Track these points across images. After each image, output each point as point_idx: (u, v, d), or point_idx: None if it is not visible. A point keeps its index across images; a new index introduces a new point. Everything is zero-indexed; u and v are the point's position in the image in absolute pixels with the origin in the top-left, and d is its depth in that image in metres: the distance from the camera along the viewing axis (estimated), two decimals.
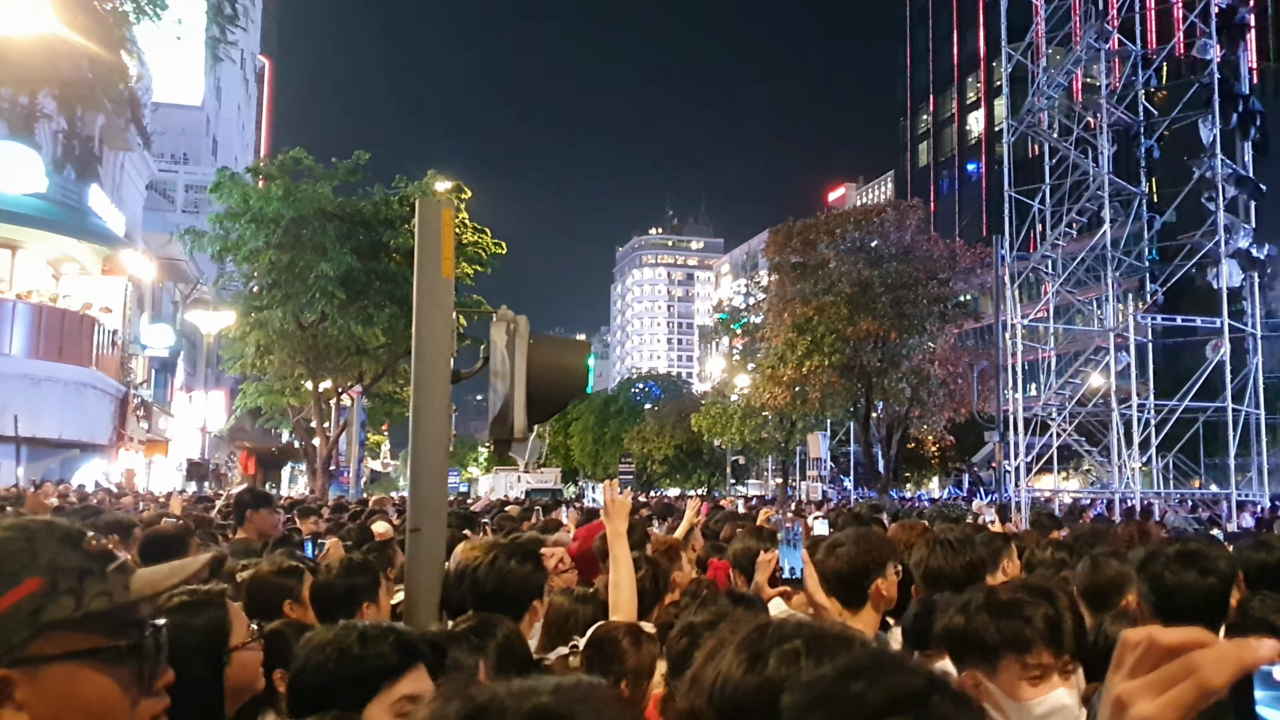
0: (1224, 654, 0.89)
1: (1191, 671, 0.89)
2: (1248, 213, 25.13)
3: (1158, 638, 0.94)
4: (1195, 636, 0.92)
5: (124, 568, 1.45)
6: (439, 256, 4.50)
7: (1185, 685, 0.89)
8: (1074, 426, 25.87)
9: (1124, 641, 0.97)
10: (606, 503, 4.38)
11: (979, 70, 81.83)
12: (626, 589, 4.08)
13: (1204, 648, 0.91)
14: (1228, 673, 0.88)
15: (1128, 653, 0.96)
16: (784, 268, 37.12)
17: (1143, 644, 0.94)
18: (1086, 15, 26.37)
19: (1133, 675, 0.94)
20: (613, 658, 3.33)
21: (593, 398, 70.98)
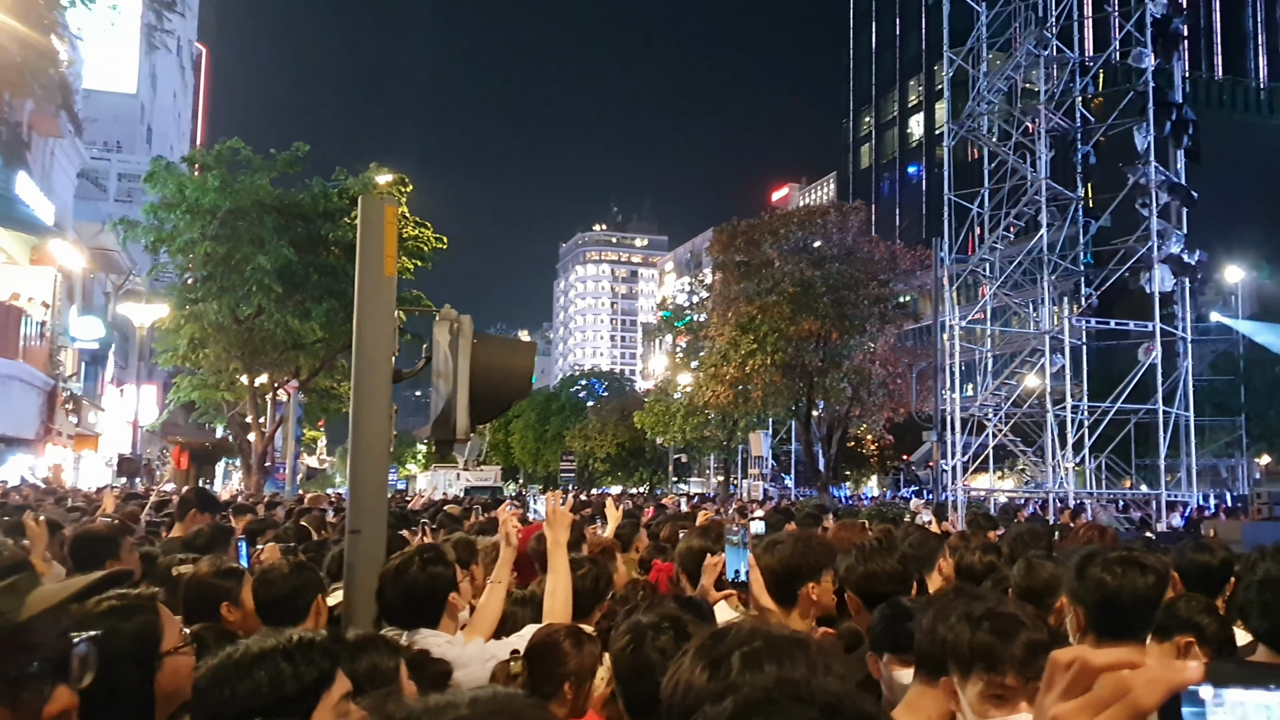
0: (1155, 676, 0.90)
1: (1124, 693, 0.91)
2: (1180, 219, 25.71)
3: (1089, 659, 0.95)
4: (1125, 657, 0.94)
5: (15, 587, 1.36)
6: (381, 254, 4.42)
7: (1118, 707, 0.91)
8: (1009, 427, 26.31)
9: (1054, 662, 0.97)
10: (549, 512, 4.34)
11: (921, 74, 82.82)
12: (563, 598, 4.07)
13: (1134, 668, 0.92)
14: (1159, 694, 0.89)
15: (1058, 674, 0.97)
16: (728, 266, 37.29)
17: (1075, 665, 0.96)
18: (1026, 22, 26.81)
19: (1066, 696, 0.95)
20: (554, 660, 3.32)
21: (534, 395, 70.68)
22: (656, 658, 2.45)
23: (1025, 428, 26.58)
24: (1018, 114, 27.78)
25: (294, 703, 2.13)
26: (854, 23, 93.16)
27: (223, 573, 4.00)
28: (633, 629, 2.62)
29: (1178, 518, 25.76)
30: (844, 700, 1.24)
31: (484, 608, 4.27)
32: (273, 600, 3.79)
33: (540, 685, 3.21)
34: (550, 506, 4.38)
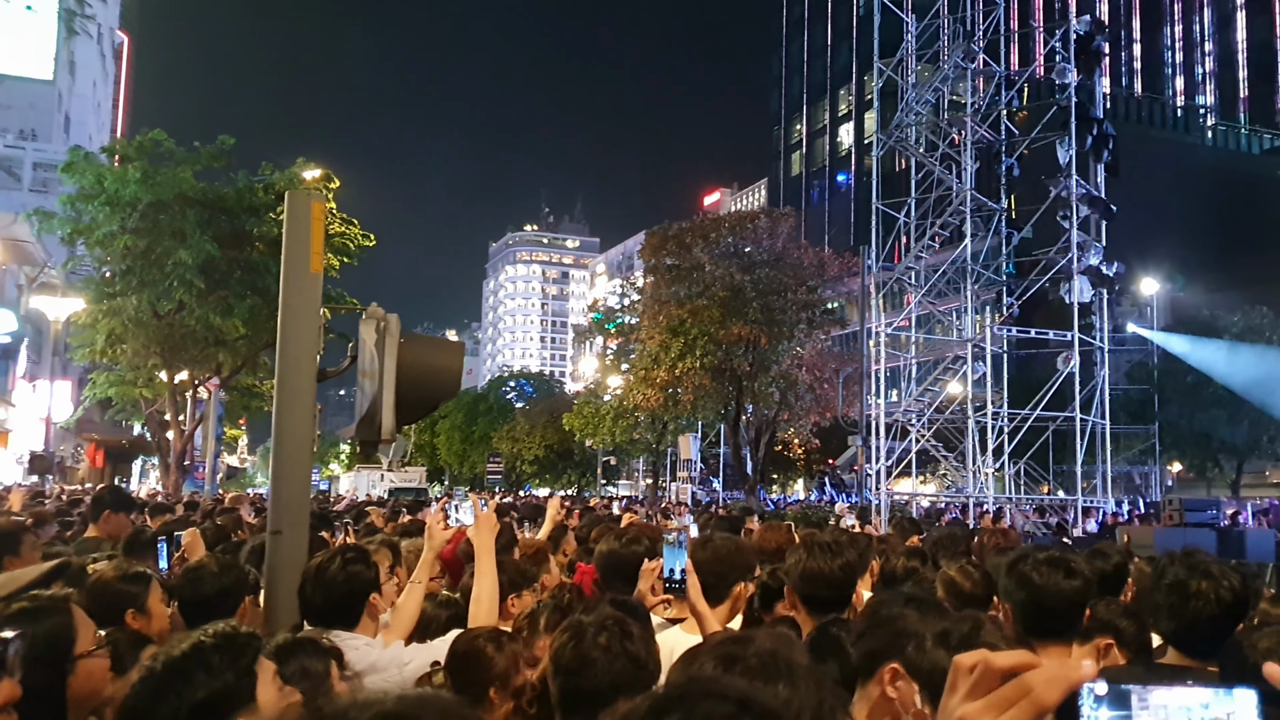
0: (1054, 675, 0.95)
1: (1026, 692, 0.95)
2: (1099, 231, 26.37)
3: (991, 661, 1.00)
4: (1026, 659, 0.99)
5: None
6: (308, 251, 4.34)
7: (1022, 705, 0.95)
8: (932, 432, 26.76)
9: (957, 666, 1.02)
10: (477, 518, 4.29)
11: (851, 84, 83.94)
12: (487, 605, 4.04)
13: (1034, 669, 0.97)
14: (1059, 691, 0.94)
15: (962, 676, 1.01)
16: (659, 270, 37.42)
17: (978, 667, 1.00)
18: (954, 35, 27.33)
19: (971, 698, 0.99)
20: (478, 666, 3.29)
21: (461, 396, 70.05)
22: (598, 654, 2.54)
23: (947, 433, 27.05)
24: (944, 126, 28.29)
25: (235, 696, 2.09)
26: (786, 31, 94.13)
27: (129, 577, 3.83)
28: (574, 626, 2.67)
29: (1093, 523, 26.40)
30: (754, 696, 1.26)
31: (402, 609, 4.21)
32: (201, 600, 3.70)
33: (465, 692, 3.18)
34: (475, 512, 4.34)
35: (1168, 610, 3.28)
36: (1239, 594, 3.27)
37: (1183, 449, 41.51)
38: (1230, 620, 3.22)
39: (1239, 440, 38.93)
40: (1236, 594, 3.25)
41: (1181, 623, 3.26)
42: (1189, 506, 22.19)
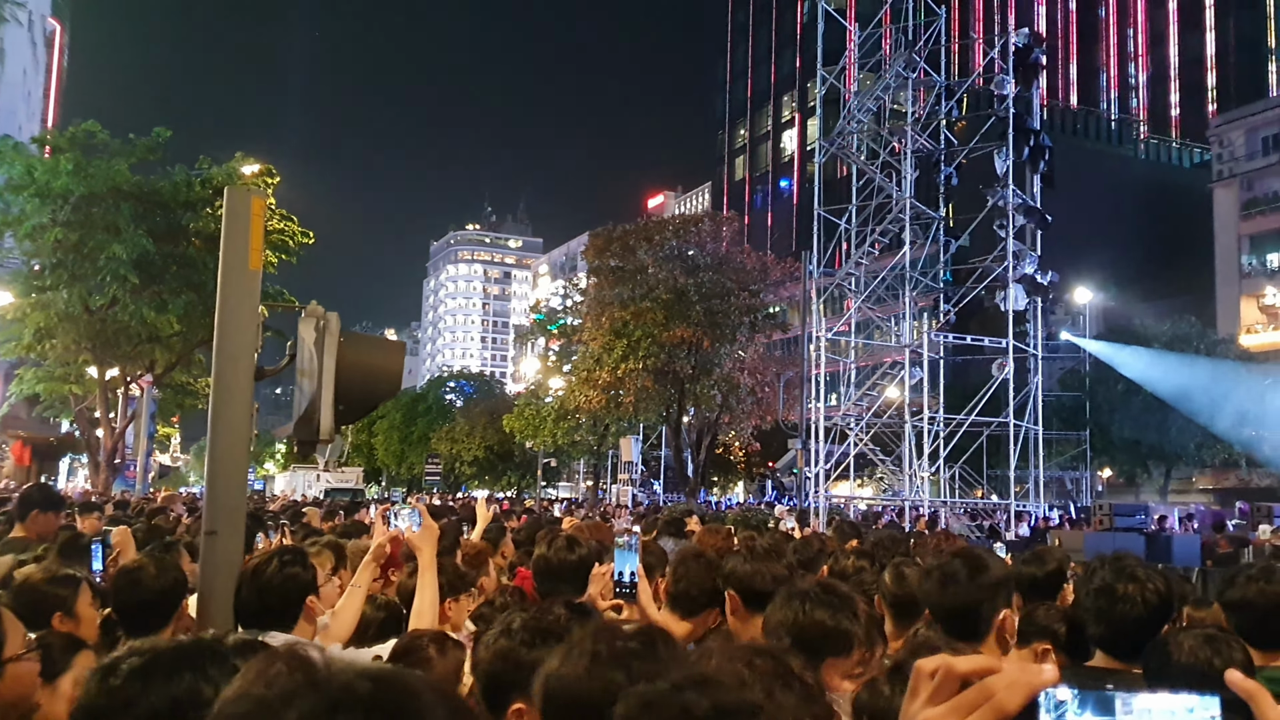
0: (1015, 679, 0.95)
1: (988, 696, 0.95)
2: (1034, 241, 26.87)
3: (953, 665, 0.99)
4: (987, 663, 0.98)
5: None
6: (247, 248, 4.28)
7: (984, 710, 0.95)
8: (870, 436, 27.06)
9: (919, 670, 1.01)
10: (409, 534, 4.23)
11: (794, 90, 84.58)
12: (429, 618, 4.00)
13: (995, 674, 0.96)
14: (1020, 696, 0.94)
15: (923, 681, 1.00)
16: (603, 271, 37.37)
17: (939, 672, 0.99)
18: (896, 44, 27.70)
19: (932, 702, 0.99)
20: (419, 667, 3.27)
21: (400, 396, 69.31)
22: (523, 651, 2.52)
23: (885, 437, 27.38)
24: (885, 134, 28.66)
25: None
26: (731, 36, 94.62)
27: (57, 580, 3.72)
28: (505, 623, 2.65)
29: (1025, 527, 26.87)
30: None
31: (341, 612, 4.16)
32: (139, 603, 3.62)
33: None
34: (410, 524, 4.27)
35: (1095, 613, 3.35)
36: (1164, 597, 3.35)
37: (1113, 455, 42.39)
38: (1156, 622, 3.30)
39: (1167, 447, 39.86)
40: (1161, 597, 3.33)
41: (1109, 625, 3.32)
42: (1118, 512, 22.69)
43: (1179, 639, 3.00)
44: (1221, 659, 2.88)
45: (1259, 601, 3.46)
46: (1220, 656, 2.89)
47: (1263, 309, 54.01)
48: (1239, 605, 3.52)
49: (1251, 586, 3.52)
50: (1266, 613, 3.43)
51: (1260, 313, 54.02)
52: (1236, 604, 3.54)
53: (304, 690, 0.97)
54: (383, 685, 0.99)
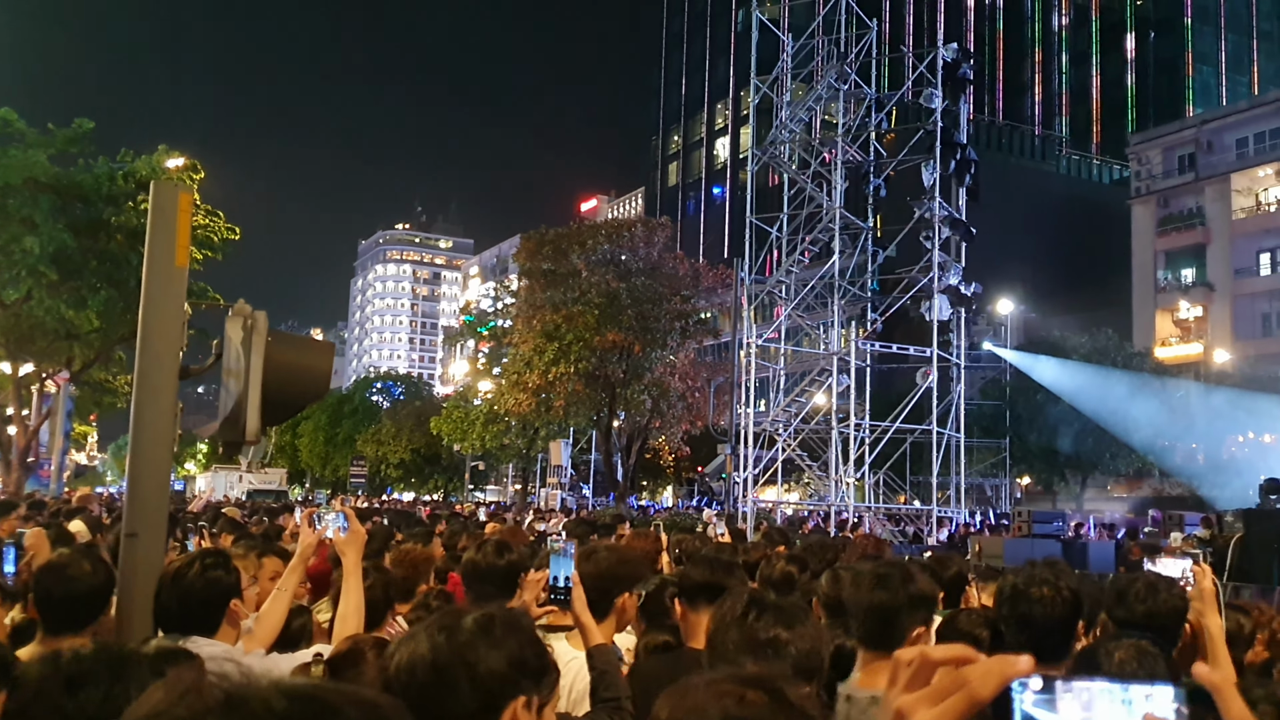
0: (990, 668, 0.99)
1: (962, 685, 0.99)
2: (959, 253, 27.39)
3: (930, 654, 1.04)
4: (963, 653, 1.02)
5: None
6: (173, 244, 4.21)
7: (958, 696, 0.99)
8: (798, 442, 27.35)
9: (897, 660, 1.05)
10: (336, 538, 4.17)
11: (728, 98, 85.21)
12: (354, 624, 3.96)
13: (971, 663, 1.00)
14: (994, 684, 0.97)
15: (901, 669, 1.04)
16: (535, 274, 37.21)
17: (916, 661, 1.04)
18: (828, 56, 28.03)
19: (909, 689, 1.03)
20: (356, 669, 3.25)
21: (326, 396, 68.25)
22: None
23: (812, 443, 27.68)
24: (816, 144, 29.01)
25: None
26: (666, 43, 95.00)
27: None
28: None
29: (946, 533, 27.36)
30: None
31: (265, 617, 4.10)
32: (70, 597, 3.53)
33: None
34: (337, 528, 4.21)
35: (1012, 617, 3.44)
36: (1075, 598, 3.46)
37: (1031, 463, 43.33)
38: (1067, 623, 3.41)
39: (1083, 455, 40.88)
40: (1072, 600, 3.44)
41: (1025, 628, 3.42)
42: (1037, 518, 23.20)
43: (1109, 648, 3.07)
44: (1145, 671, 2.95)
45: (1143, 622, 3.57)
46: (1144, 669, 2.97)
47: (1177, 323, 55.70)
48: (1126, 625, 3.62)
49: (1139, 607, 3.62)
50: (1154, 631, 3.51)
51: (1174, 326, 55.70)
52: (1123, 623, 3.65)
53: (218, 709, 0.95)
54: (300, 702, 0.97)
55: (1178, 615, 3.66)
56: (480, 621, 2.00)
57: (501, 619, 2.04)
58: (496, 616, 2.04)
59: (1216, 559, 16.84)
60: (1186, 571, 3.89)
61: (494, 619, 2.02)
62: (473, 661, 1.94)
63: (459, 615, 2.04)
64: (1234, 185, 53.64)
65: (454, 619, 2.02)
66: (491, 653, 1.96)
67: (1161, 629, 3.55)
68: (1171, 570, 4.01)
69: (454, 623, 2.00)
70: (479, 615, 2.02)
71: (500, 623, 2.03)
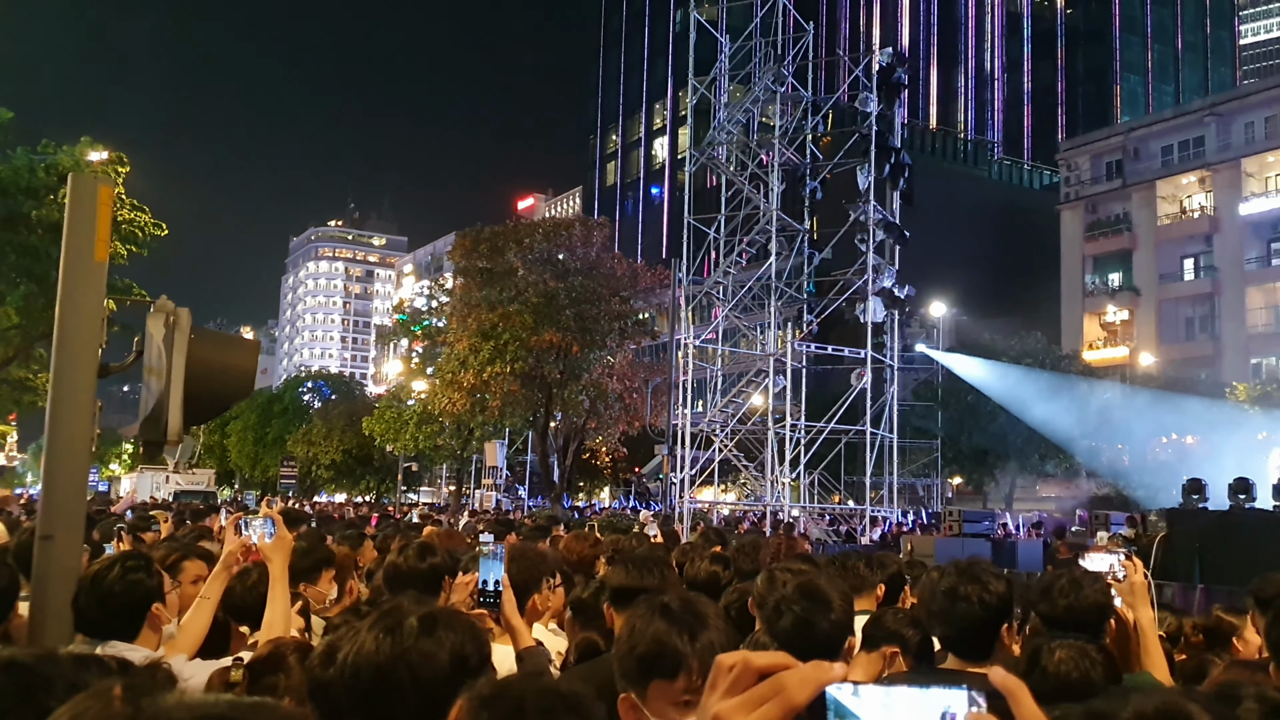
0: (805, 675, 1.02)
1: (779, 690, 1.02)
2: (893, 256, 27.72)
3: (751, 660, 1.05)
4: (782, 660, 1.05)
5: None
6: (92, 238, 4.07)
7: (775, 702, 1.01)
8: (735, 442, 27.49)
9: (719, 665, 1.07)
10: (262, 544, 4.07)
11: (666, 99, 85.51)
12: (280, 630, 3.87)
13: (788, 669, 1.03)
14: (810, 690, 1.00)
15: (722, 675, 1.06)
16: (470, 272, 36.89)
17: (737, 666, 1.05)
18: (766, 58, 28.20)
19: (729, 695, 1.04)
20: (278, 673, 3.18)
21: (255, 396, 67.10)
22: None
23: (748, 444, 27.84)
24: (754, 146, 29.17)
25: None
26: (604, 42, 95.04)
27: None
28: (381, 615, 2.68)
29: (879, 532, 27.69)
30: None
31: (189, 624, 4.00)
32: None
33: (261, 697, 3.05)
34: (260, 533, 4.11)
35: (940, 615, 3.47)
36: (1004, 598, 3.49)
37: (962, 463, 44.09)
38: (992, 623, 3.44)
39: (1012, 456, 41.67)
40: (1001, 599, 3.48)
41: (952, 626, 3.45)
42: (967, 518, 23.61)
43: (1050, 648, 3.11)
44: (1080, 671, 3.02)
45: (1065, 619, 3.63)
46: (1079, 670, 3.03)
47: (1104, 326, 57.10)
48: (1049, 620, 3.68)
49: (1061, 601, 3.67)
50: (1075, 627, 3.58)
51: (1101, 330, 57.08)
52: (1047, 618, 3.70)
53: None
54: None
55: (1100, 610, 3.72)
56: (423, 620, 1.99)
57: (443, 616, 2.03)
58: (438, 614, 2.03)
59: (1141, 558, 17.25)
60: (1115, 566, 3.95)
61: (436, 617, 2.01)
62: (416, 661, 1.93)
63: (401, 614, 2.01)
64: (1159, 192, 55.08)
65: (396, 618, 2.00)
66: (435, 651, 1.95)
67: (1083, 624, 3.59)
68: (1099, 565, 4.08)
69: (397, 622, 1.98)
70: (422, 614, 2.00)
71: (442, 620, 2.02)
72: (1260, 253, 50.74)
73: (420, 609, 2.03)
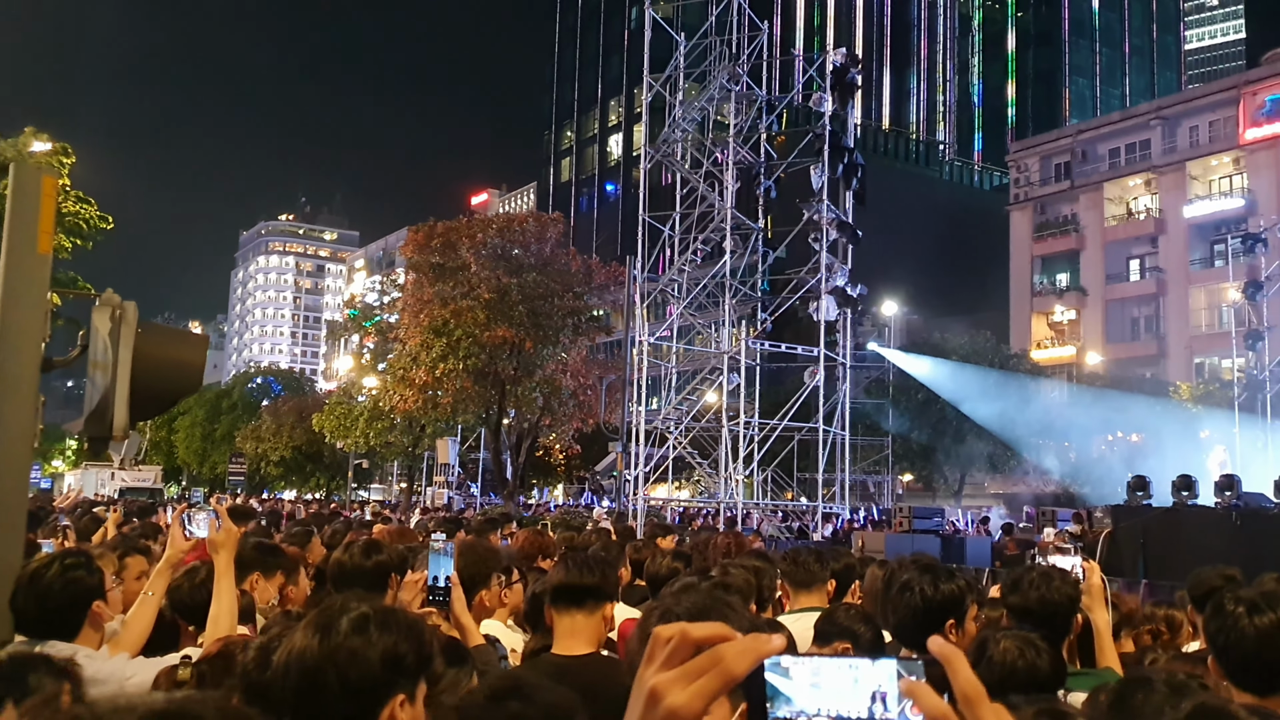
0: (744, 646, 1.02)
1: (718, 662, 1.01)
2: (846, 255, 27.91)
3: (689, 632, 1.05)
4: (720, 631, 1.04)
5: None
6: (36, 230, 4.00)
7: (713, 674, 1.01)
8: (689, 440, 27.55)
9: (656, 637, 1.06)
10: (211, 536, 4.01)
11: (621, 95, 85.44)
12: (225, 625, 3.82)
13: (727, 641, 1.03)
14: (748, 662, 1.01)
15: (659, 647, 1.05)
16: (423, 268, 36.58)
17: (675, 638, 1.05)
18: (721, 57, 28.26)
19: (665, 668, 1.04)
20: (226, 671, 3.14)
21: (204, 391, 66.21)
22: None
23: (702, 441, 27.91)
24: (709, 144, 29.23)
25: None
26: (559, 39, 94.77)
27: None
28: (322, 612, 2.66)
29: (831, 528, 27.92)
30: None
31: (132, 621, 3.93)
32: None
33: None
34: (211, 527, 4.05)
35: (892, 608, 3.51)
36: (956, 595, 3.54)
37: (912, 460, 44.57)
38: (946, 617, 3.49)
39: (962, 453, 42.19)
40: (953, 595, 3.53)
41: (902, 619, 3.49)
42: (917, 514, 23.88)
43: (996, 638, 3.18)
44: (1025, 661, 3.08)
45: (1038, 609, 3.69)
46: (1024, 659, 3.08)
47: (1051, 325, 57.96)
48: (1021, 611, 3.75)
49: (1033, 593, 3.74)
50: (1046, 617, 3.65)
51: (1049, 329, 57.94)
52: (1018, 609, 3.77)
53: None
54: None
55: (1071, 603, 3.80)
56: (355, 620, 1.98)
57: (378, 616, 2.02)
58: (372, 614, 2.01)
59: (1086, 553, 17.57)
60: (1076, 568, 4.05)
61: (369, 617, 2.00)
62: (344, 662, 1.92)
63: (336, 613, 2.01)
64: (1106, 194, 56.01)
65: (330, 617, 1.99)
66: (365, 652, 1.94)
67: (1052, 615, 3.68)
68: (1063, 565, 4.18)
69: (329, 621, 1.97)
70: (355, 613, 1.99)
71: (376, 620, 2.00)
72: (1204, 254, 51.75)
73: (360, 608, 2.02)
